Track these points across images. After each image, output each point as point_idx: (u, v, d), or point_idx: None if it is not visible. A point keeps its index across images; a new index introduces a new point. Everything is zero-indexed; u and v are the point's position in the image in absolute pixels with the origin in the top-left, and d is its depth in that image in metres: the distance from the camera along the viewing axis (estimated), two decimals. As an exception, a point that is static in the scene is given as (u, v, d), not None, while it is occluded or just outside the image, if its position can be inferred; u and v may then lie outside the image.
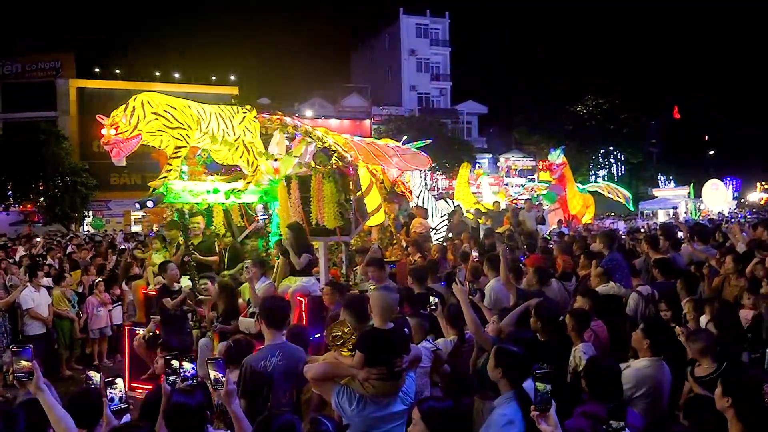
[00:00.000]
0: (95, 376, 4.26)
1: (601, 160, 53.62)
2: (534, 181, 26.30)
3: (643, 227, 22.59)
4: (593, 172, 52.01)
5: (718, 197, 37.54)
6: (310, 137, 9.22)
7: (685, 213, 36.13)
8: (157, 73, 47.07)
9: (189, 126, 7.92)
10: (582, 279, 8.78)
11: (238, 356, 5.13)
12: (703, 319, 6.10)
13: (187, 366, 3.94)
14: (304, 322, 8.27)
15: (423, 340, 5.60)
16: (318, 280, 9.32)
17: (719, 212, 33.30)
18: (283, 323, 5.12)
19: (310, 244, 8.71)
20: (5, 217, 37.94)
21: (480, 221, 15.47)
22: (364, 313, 4.38)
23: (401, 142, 11.51)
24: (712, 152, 59.13)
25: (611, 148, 53.08)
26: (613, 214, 42.82)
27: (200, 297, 8.60)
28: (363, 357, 4.05)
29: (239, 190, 8.90)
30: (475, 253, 10.00)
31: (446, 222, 15.32)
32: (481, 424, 4.16)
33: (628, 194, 26.28)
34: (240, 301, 8.45)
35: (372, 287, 8.25)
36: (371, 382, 4.06)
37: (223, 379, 3.61)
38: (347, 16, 68.16)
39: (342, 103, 51.10)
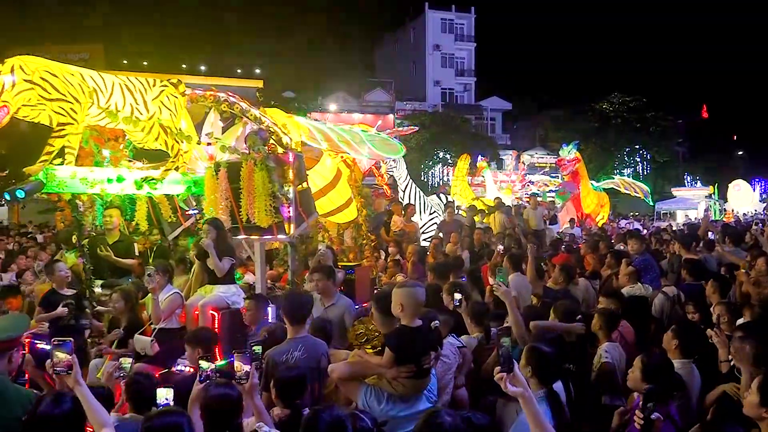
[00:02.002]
0: (126, 363, 4.34)
1: (626, 158, 50.82)
2: (558, 178, 23.94)
3: (666, 227, 20.60)
4: (618, 170, 49.23)
5: (742, 198, 34.79)
6: (247, 117, 7.38)
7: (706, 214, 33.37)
8: (183, 66, 46.10)
9: (75, 99, 6.12)
10: (606, 279, 8.40)
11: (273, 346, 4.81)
12: (740, 323, 5.49)
13: (205, 365, 3.79)
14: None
15: (447, 335, 5.19)
16: (251, 286, 7.59)
17: (744, 214, 30.84)
18: (305, 318, 4.86)
19: (233, 246, 6.94)
20: (35, 205, 37.03)
21: (476, 219, 13.51)
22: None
23: (375, 127, 9.57)
24: (741, 152, 55.84)
25: (637, 146, 50.34)
26: (636, 213, 40.44)
27: (98, 308, 6.85)
28: (393, 356, 3.85)
29: (155, 179, 7.10)
30: (500, 246, 9.10)
31: (436, 220, 13.35)
32: (508, 421, 4.03)
33: (647, 188, 23.98)
34: (145, 314, 6.70)
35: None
36: (400, 380, 3.89)
37: (250, 372, 3.58)
38: (372, 11, 65.83)
39: (365, 97, 49.12)
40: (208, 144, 7.63)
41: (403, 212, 11.62)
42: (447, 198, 14.98)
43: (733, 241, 9.60)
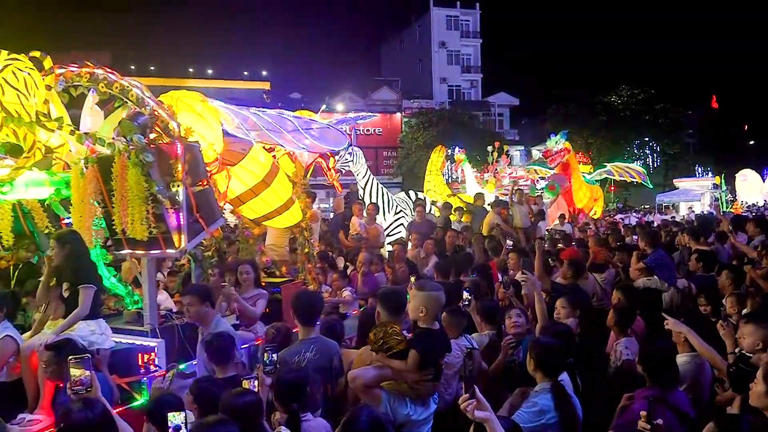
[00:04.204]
0: (170, 375, 4.28)
1: (636, 151, 48.45)
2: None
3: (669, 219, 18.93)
4: (628, 163, 46.84)
5: (750, 188, 32.32)
6: (128, 99, 5.52)
7: (710, 206, 30.87)
8: (191, 69, 44.86)
9: None
10: (617, 272, 8.18)
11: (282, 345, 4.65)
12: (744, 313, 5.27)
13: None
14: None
15: (460, 335, 4.99)
16: (139, 321, 5.76)
17: (753, 204, 28.53)
18: (316, 318, 4.64)
19: (94, 267, 5.12)
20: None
21: (452, 218, 11.52)
22: (400, 307, 4.05)
23: (318, 113, 7.65)
24: (752, 142, 53.04)
25: (646, 139, 47.98)
26: (647, 206, 38.26)
27: None
28: (419, 359, 3.69)
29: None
30: (510, 242, 8.75)
31: (403, 221, 11.32)
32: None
33: (642, 170, 21.79)
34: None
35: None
36: (421, 384, 3.74)
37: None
38: (377, 9, 63.58)
39: (372, 96, 47.19)
40: (85, 134, 5.78)
41: (364, 213, 9.67)
42: (417, 195, 12.79)
43: (761, 227, 9.47)
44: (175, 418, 3.15)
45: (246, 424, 3.20)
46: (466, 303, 5.41)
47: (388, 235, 10.93)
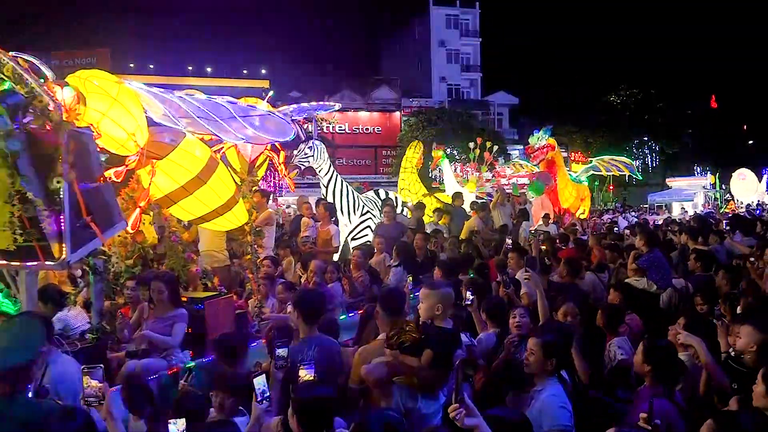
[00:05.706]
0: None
1: (635, 150, 47.41)
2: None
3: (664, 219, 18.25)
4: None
5: (746, 188, 31.09)
6: (2, 74, 4.44)
7: (704, 206, 29.62)
8: (190, 68, 43.83)
9: None
10: (614, 271, 8.15)
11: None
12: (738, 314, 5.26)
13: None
14: None
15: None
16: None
17: (747, 204, 27.45)
18: (319, 317, 4.54)
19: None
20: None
21: (427, 219, 10.44)
22: (399, 309, 4.17)
23: (265, 99, 6.57)
24: (751, 141, 51.78)
25: (645, 138, 46.95)
26: (645, 206, 37.11)
27: None
28: (433, 358, 3.77)
29: None
30: (509, 240, 8.40)
31: (369, 223, 10.18)
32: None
33: (630, 161, 20.73)
34: None
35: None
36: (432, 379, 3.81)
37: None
38: (377, 8, 61.97)
39: (372, 95, 46.19)
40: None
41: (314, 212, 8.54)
42: (386, 194, 11.55)
43: (744, 231, 9.56)
44: (175, 424, 3.02)
45: (313, 420, 3.11)
46: (468, 302, 5.31)
47: (353, 239, 9.85)
